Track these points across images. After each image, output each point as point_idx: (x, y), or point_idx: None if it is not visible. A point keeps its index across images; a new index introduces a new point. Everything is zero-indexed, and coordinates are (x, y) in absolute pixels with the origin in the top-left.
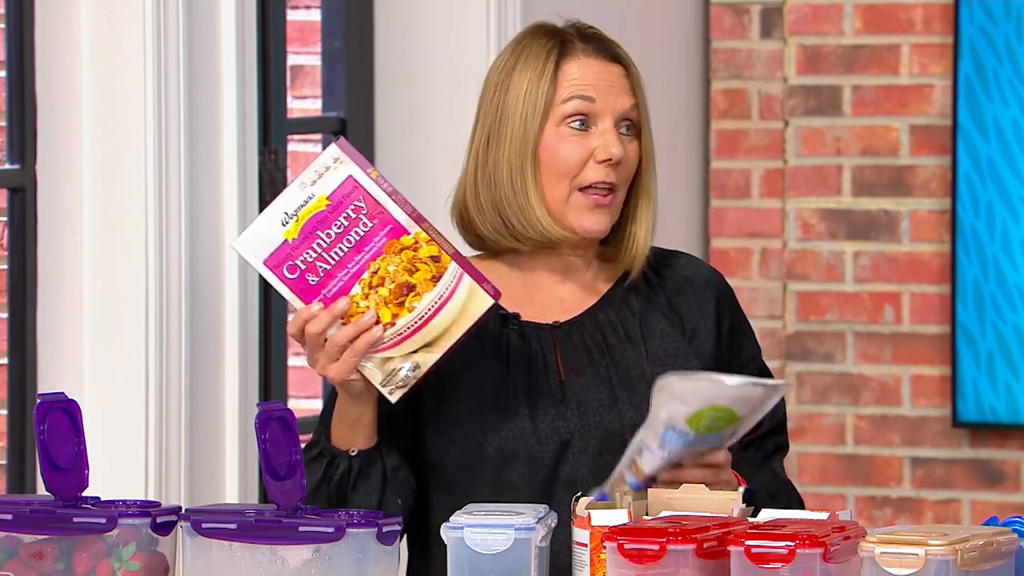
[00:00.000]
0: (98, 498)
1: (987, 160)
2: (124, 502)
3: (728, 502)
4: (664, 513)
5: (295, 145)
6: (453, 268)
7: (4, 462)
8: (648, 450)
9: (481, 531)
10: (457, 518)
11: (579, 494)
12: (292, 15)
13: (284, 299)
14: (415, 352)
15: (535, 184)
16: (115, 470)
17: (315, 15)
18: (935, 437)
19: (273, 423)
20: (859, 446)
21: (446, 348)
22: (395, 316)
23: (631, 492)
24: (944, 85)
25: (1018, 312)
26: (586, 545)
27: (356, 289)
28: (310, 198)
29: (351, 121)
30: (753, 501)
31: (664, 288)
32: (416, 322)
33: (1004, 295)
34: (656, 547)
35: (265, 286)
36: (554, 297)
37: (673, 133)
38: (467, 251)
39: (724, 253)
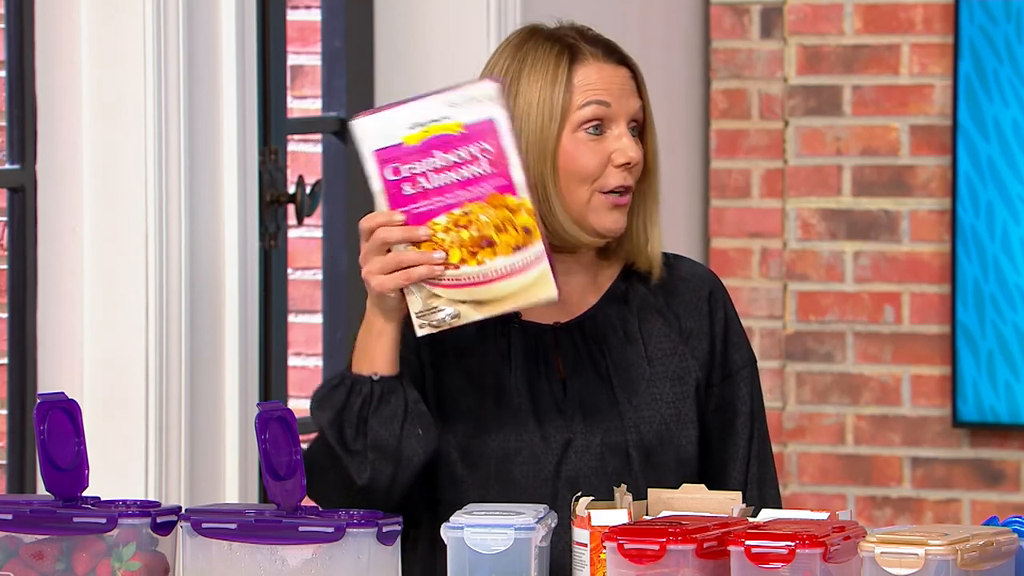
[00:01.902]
0: (98, 498)
1: (987, 160)
2: (124, 502)
3: (728, 502)
4: (664, 513)
5: (295, 145)
6: (538, 248)
7: (4, 462)
8: None
9: (481, 531)
10: (457, 518)
11: (579, 494)
12: (292, 15)
13: (373, 198)
14: (463, 303)
15: (556, 190)
16: (115, 470)
17: (315, 15)
18: (935, 437)
19: (273, 423)
20: (859, 446)
21: (490, 315)
22: (462, 261)
23: None
24: (944, 85)
25: (1018, 312)
26: (586, 545)
27: (442, 218)
28: (446, 118)
29: (351, 121)
30: None
31: (662, 289)
32: (478, 277)
33: (1004, 295)
34: (656, 547)
35: (265, 286)
36: None
37: (673, 133)
38: None
39: (724, 253)
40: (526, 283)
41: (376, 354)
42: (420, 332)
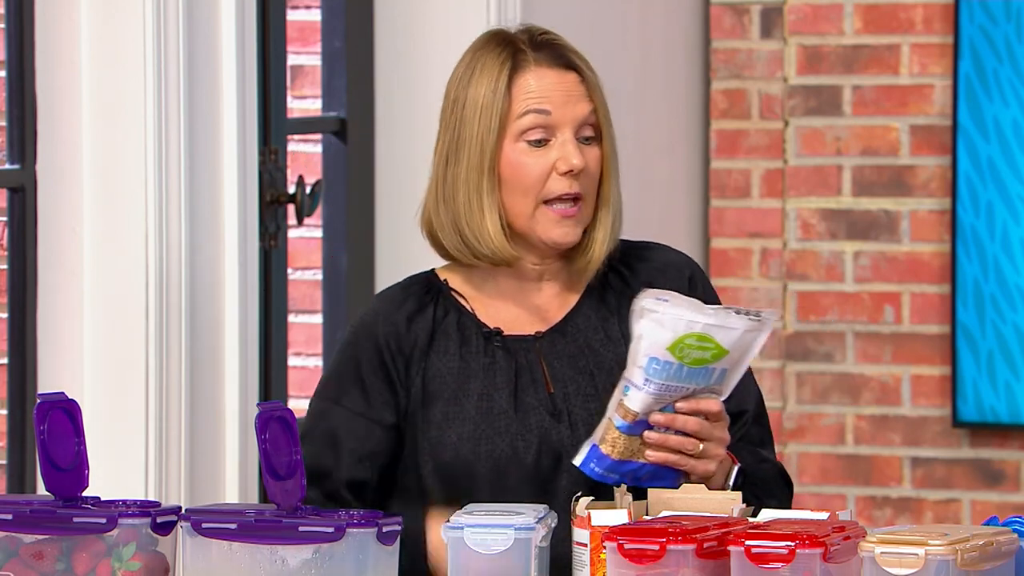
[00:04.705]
0: (98, 498)
1: (987, 160)
2: (124, 502)
3: (728, 502)
4: (664, 513)
5: (295, 145)
6: None
7: (4, 462)
8: (633, 387)
9: (481, 531)
10: (457, 518)
11: (579, 494)
12: (292, 15)
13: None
14: None
15: (493, 202)
16: (115, 470)
17: (315, 15)
18: (935, 437)
19: (273, 423)
20: (859, 446)
21: None
22: None
23: (623, 438)
24: (944, 85)
25: (1018, 312)
26: (586, 545)
27: None
28: None
29: (351, 121)
30: (744, 482)
31: (638, 282)
32: None
33: (1004, 295)
34: (656, 547)
35: (265, 286)
36: (532, 305)
37: (673, 133)
38: (438, 262)
39: (724, 253)
40: None
41: None
42: None
